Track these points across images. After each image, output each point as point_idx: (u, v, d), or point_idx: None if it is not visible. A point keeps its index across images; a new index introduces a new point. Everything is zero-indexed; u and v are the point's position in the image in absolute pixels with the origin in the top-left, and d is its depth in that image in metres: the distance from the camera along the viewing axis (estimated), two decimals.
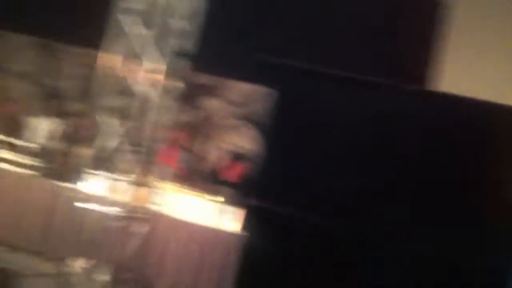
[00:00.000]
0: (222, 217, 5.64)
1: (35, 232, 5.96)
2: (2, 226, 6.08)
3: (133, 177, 3.46)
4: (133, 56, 3.84)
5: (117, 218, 3.52)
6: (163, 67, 3.63)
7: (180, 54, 3.84)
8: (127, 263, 3.50)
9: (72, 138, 6.85)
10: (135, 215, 3.48)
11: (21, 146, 6.52)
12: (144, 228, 3.65)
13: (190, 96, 4.00)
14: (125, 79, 3.82)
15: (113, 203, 3.75)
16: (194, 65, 3.98)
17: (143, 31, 3.80)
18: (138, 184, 3.49)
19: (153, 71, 3.81)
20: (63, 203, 5.98)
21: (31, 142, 6.58)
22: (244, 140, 7.41)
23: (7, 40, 8.60)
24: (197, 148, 6.76)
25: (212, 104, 7.73)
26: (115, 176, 3.78)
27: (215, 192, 5.97)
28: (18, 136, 6.87)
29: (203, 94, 7.69)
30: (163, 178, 3.89)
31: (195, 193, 5.85)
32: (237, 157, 6.50)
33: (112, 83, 3.69)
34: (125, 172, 3.80)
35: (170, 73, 3.69)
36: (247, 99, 7.61)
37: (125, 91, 3.85)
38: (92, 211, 3.59)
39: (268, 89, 6.97)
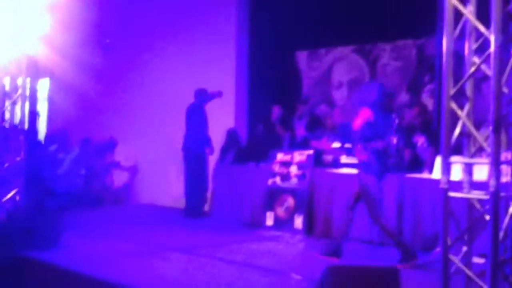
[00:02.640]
0: None
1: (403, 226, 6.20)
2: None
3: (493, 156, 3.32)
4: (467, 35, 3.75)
5: (482, 201, 3.42)
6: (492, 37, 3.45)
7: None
8: (502, 244, 3.37)
9: (406, 128, 6.99)
10: (502, 194, 3.34)
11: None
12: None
13: None
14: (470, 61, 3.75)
15: (475, 186, 3.67)
16: None
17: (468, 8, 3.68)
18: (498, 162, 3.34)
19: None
20: (416, 193, 6.14)
21: None
22: None
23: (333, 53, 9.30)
24: None
25: None
26: (468, 159, 3.70)
27: None
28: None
29: None
30: None
31: None
32: None
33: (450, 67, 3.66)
34: (479, 153, 3.72)
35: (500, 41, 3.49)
36: None
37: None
38: (456, 197, 3.56)
39: None
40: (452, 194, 3.55)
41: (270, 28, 9.05)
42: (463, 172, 3.75)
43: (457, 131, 3.71)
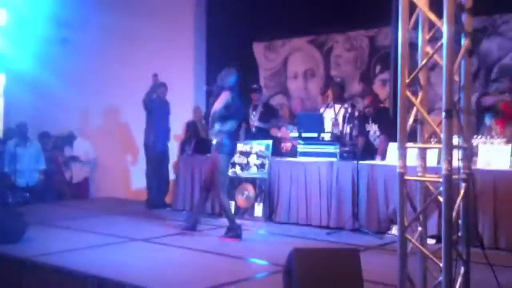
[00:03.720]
0: None
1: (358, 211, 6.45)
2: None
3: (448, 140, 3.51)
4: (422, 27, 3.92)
5: (436, 183, 3.63)
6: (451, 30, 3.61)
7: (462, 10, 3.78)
8: (454, 224, 3.58)
9: (358, 117, 7.20)
10: (454, 176, 3.54)
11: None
12: (464, 187, 3.68)
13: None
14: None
15: (427, 170, 3.87)
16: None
17: None
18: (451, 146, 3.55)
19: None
20: (370, 179, 6.39)
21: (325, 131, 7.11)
22: None
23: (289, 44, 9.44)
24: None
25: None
26: (423, 144, 3.90)
27: None
28: None
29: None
30: None
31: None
32: None
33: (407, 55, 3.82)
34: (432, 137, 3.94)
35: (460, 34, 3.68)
36: None
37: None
38: (410, 181, 3.76)
39: None
40: (408, 177, 3.75)
41: (227, 20, 9.12)
42: (417, 157, 3.96)
43: (411, 117, 3.90)
